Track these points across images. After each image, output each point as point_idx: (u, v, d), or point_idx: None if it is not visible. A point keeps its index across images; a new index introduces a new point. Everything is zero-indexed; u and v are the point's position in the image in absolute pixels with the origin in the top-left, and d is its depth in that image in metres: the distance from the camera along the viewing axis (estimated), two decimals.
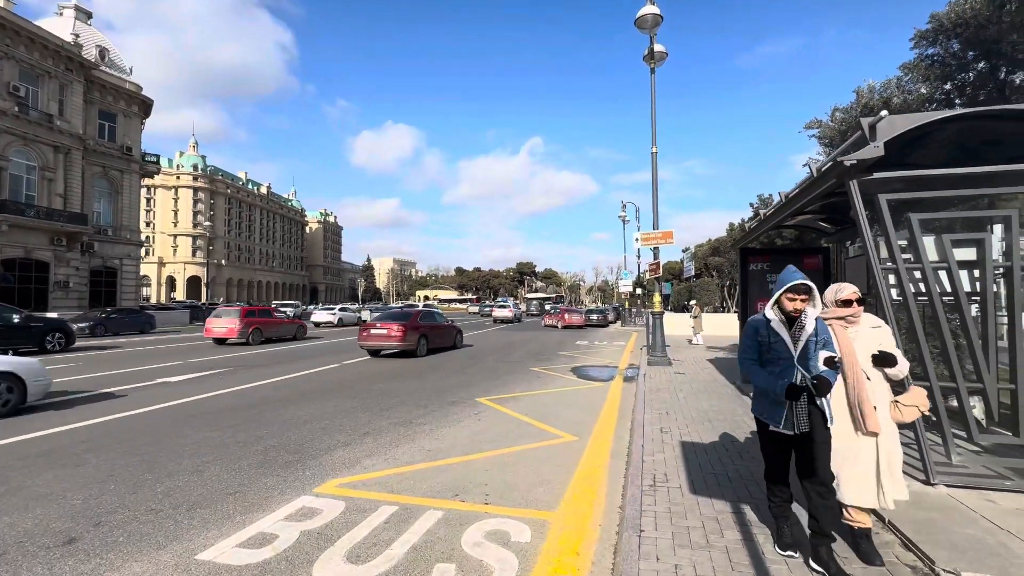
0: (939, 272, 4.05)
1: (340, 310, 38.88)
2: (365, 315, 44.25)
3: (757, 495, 4.00)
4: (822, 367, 2.88)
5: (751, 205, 40.78)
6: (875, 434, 3.05)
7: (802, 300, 3.00)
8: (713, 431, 6.19)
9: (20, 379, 7.42)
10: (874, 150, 3.82)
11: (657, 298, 13.16)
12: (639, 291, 45.97)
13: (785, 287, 3.00)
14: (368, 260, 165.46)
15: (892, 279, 4.13)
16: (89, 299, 37.24)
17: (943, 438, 4.08)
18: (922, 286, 4.01)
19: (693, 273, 50.78)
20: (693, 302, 21.52)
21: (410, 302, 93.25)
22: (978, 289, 4.40)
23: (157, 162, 44.87)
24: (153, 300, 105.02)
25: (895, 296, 4.05)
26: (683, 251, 63.77)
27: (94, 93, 38.53)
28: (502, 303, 51.33)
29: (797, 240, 18.53)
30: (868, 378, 3.14)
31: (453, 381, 10.78)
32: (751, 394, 3.48)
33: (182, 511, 3.98)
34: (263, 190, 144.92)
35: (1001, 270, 4.15)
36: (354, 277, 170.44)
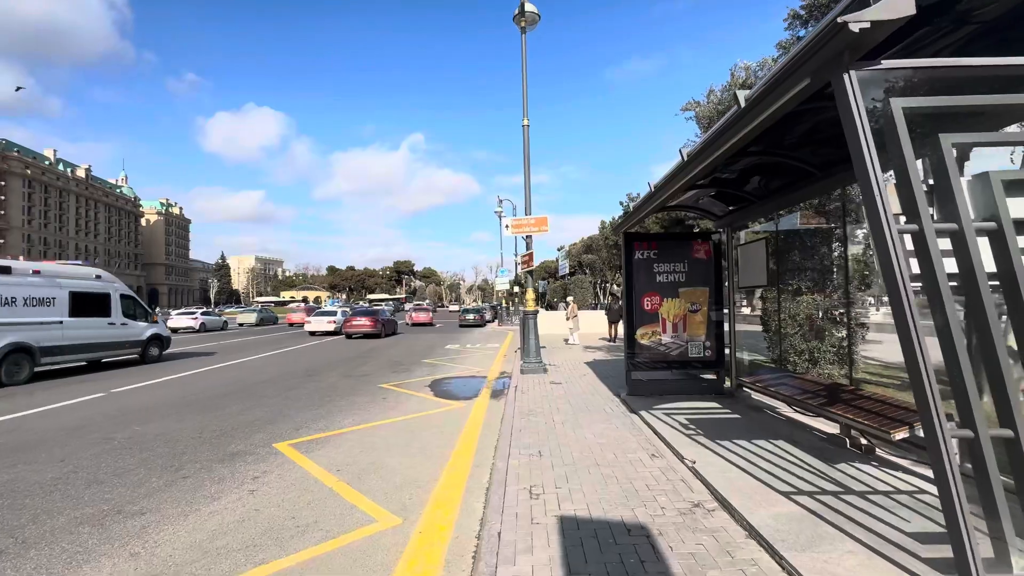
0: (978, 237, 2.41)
1: (203, 314, 33.51)
2: (246, 317, 39.34)
3: None
4: None
5: (621, 203, 42.08)
6: None
7: None
8: (603, 485, 4.25)
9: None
10: (904, 4, 2.04)
11: (531, 294, 11.34)
12: (516, 289, 45.11)
13: None
14: (222, 258, 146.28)
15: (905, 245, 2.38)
16: None
17: (995, 521, 2.41)
18: (950, 263, 2.34)
19: (567, 271, 51.50)
20: (570, 298, 20.37)
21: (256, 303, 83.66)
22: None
23: None
24: None
25: (910, 272, 2.31)
26: (558, 250, 65.17)
27: None
28: (327, 308, 32.78)
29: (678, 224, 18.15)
30: None
31: (258, 414, 7.75)
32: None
33: None
34: (80, 173, 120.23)
35: None
36: (206, 277, 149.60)
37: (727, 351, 7.68)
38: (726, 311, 7.74)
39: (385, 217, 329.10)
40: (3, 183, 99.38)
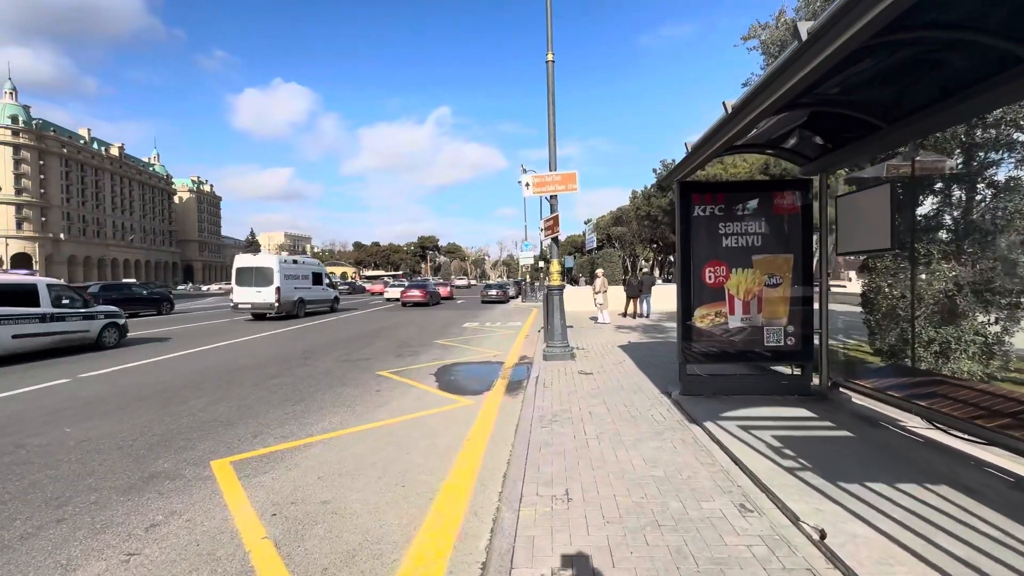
0: None
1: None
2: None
3: None
4: None
5: (654, 171, 39.36)
6: None
7: None
8: (673, 572, 2.56)
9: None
10: None
11: (555, 267, 9.54)
12: (542, 264, 43.25)
13: None
14: (252, 234, 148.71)
15: None
16: None
17: None
18: None
19: (595, 245, 49.20)
20: (599, 271, 18.44)
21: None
22: None
23: None
24: None
25: None
26: (585, 223, 62.56)
27: None
28: (396, 284, 38.97)
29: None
30: None
31: (221, 411, 6.32)
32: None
33: None
34: (114, 151, 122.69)
35: None
36: (237, 253, 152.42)
37: (817, 338, 5.80)
38: (816, 285, 5.82)
39: (412, 192, 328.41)
40: (42, 163, 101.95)
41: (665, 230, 44.22)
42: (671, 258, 73.78)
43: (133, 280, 58.59)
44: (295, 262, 21.71)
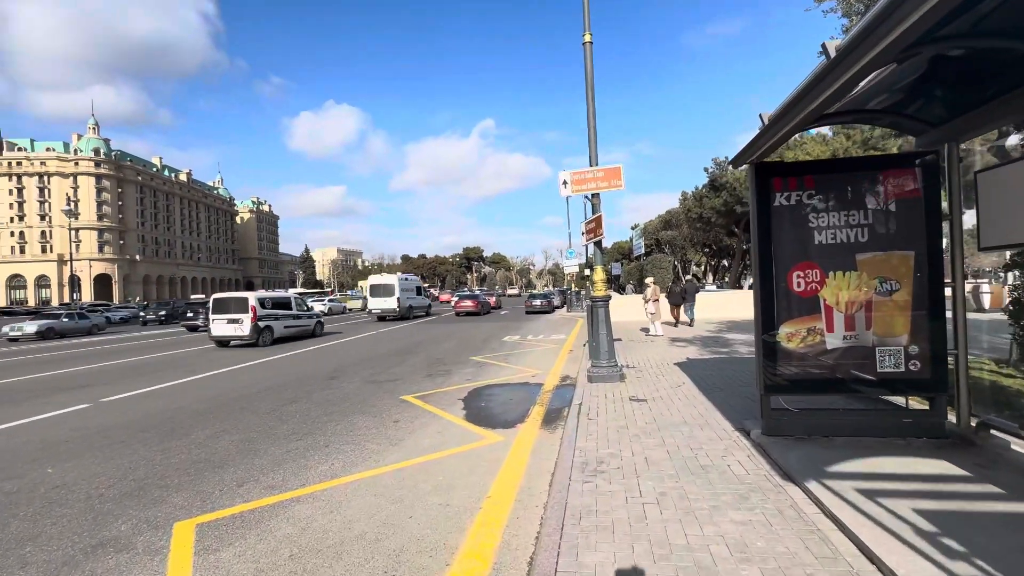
0: None
1: (329, 300, 40.68)
2: (354, 303, 44.53)
3: None
4: None
5: (705, 170, 37.18)
6: None
7: None
8: None
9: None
10: None
11: (599, 275, 8.34)
12: (587, 272, 41.67)
13: None
14: (306, 251, 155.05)
15: None
16: None
17: None
18: None
19: (643, 251, 47.11)
20: (649, 280, 17.01)
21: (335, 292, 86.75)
22: None
23: None
24: (55, 302, 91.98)
25: None
26: (631, 228, 60.29)
27: None
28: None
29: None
30: None
31: (217, 448, 5.59)
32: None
33: None
34: (182, 177, 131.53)
35: None
36: (293, 269, 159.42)
37: (952, 361, 4.35)
38: (948, 290, 4.39)
39: (458, 205, 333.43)
40: (120, 190, 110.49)
41: (719, 233, 41.69)
42: (725, 263, 69.99)
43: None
44: (407, 279, 30.19)
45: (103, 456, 5.40)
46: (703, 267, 69.60)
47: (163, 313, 34.64)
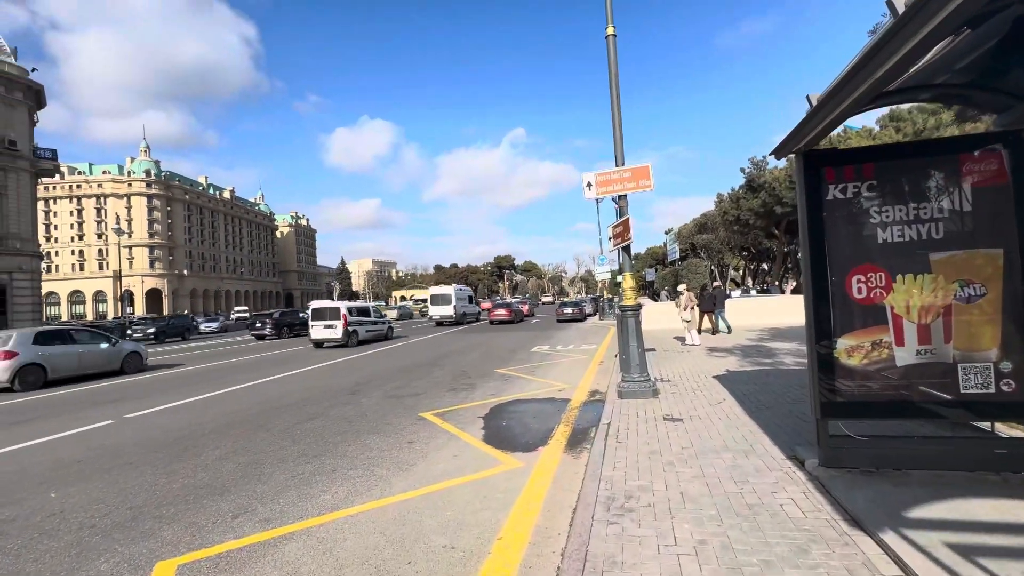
0: None
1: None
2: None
3: None
4: None
5: (742, 170, 35.78)
6: None
7: None
8: None
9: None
10: None
11: (629, 282, 7.76)
12: (619, 279, 40.70)
13: None
14: (342, 262, 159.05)
15: None
16: None
17: None
18: None
19: (678, 256, 45.70)
20: (682, 287, 16.14)
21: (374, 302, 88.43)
22: None
23: (54, 158, 38.32)
24: (110, 316, 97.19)
25: None
26: (665, 232, 58.69)
27: None
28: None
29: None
30: None
31: (223, 471, 5.33)
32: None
33: None
34: (226, 195, 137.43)
35: None
36: (330, 280, 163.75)
37: None
38: None
39: (489, 214, 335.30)
40: (169, 208, 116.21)
41: (758, 235, 39.99)
42: (764, 266, 67.26)
43: (295, 308, 65.75)
44: (461, 289, 35.05)
45: (109, 479, 5.21)
46: (741, 271, 67.20)
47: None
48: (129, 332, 31.15)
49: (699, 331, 16.84)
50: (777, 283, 43.13)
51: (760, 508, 3.51)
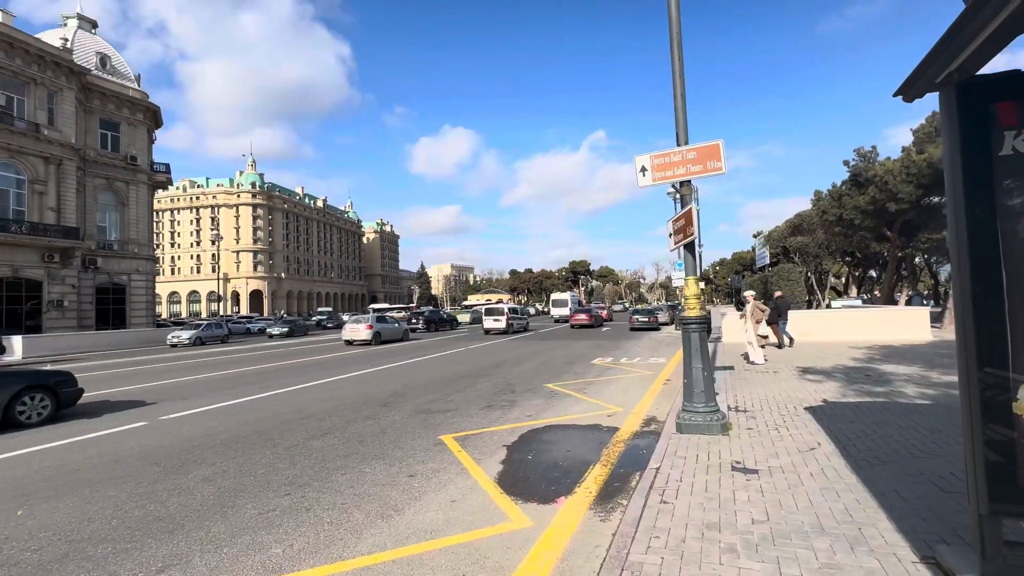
0: None
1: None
2: (463, 317, 50.69)
3: None
4: None
5: (845, 163, 31.62)
6: None
7: None
8: None
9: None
10: None
11: (692, 287, 6.25)
12: (703, 285, 37.58)
13: None
14: (422, 267, 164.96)
15: None
16: (96, 318, 35.19)
17: None
18: None
19: (768, 261, 41.54)
20: (748, 294, 13.87)
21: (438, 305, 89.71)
22: None
23: (167, 171, 42.66)
24: (221, 312, 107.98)
25: None
26: (754, 236, 53.72)
27: (93, 101, 36.69)
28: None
29: None
30: None
31: (207, 493, 4.68)
32: None
33: None
34: (319, 203, 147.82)
35: None
36: (410, 284, 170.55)
37: None
38: None
39: (566, 218, 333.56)
40: (270, 217, 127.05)
41: (864, 237, 35.11)
42: (872, 273, 59.61)
43: (432, 308, 70.92)
44: (573, 295, 41.23)
45: (79, 499, 4.73)
46: (844, 278, 60.22)
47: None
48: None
49: (779, 345, 14.61)
50: (878, 293, 37.61)
51: None
